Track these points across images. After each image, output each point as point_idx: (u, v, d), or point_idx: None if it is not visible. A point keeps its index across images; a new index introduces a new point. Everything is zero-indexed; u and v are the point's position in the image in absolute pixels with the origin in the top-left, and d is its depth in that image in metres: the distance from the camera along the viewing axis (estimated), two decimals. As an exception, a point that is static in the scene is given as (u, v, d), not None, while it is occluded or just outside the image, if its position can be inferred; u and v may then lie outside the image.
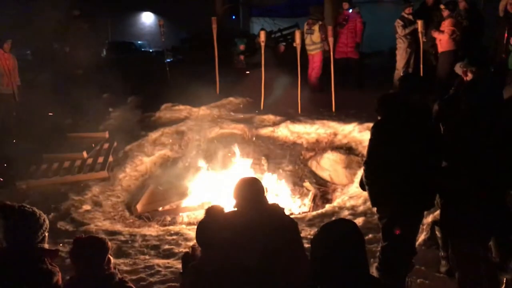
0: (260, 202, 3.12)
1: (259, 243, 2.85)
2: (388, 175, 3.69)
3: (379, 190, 3.79)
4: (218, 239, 2.72)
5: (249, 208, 3.06)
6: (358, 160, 7.11)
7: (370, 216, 5.42)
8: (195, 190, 6.88)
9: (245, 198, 3.11)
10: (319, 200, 6.95)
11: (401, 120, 3.71)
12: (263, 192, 3.23)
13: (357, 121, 7.87)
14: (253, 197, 3.10)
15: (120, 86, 10.55)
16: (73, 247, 2.75)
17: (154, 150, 7.94)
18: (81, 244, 2.75)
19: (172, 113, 9.22)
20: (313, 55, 10.21)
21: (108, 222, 5.97)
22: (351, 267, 2.00)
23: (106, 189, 6.83)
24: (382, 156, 3.73)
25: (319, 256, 2.06)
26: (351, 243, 2.05)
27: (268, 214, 3.09)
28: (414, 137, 3.64)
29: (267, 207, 3.15)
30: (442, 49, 8.85)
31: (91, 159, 7.42)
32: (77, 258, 2.73)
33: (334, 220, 2.57)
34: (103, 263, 2.72)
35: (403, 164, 3.64)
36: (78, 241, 2.77)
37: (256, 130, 8.42)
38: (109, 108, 9.75)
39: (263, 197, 3.20)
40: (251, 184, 3.20)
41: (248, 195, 3.11)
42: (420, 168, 3.63)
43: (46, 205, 5.86)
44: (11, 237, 2.58)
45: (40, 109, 9.24)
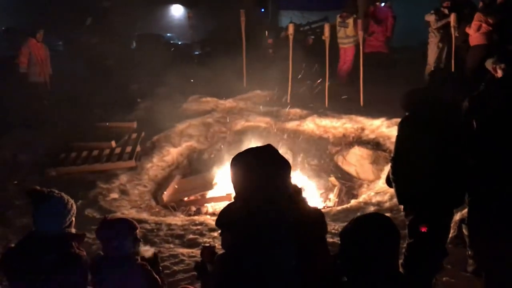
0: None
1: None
2: (415, 172, 3.62)
3: (406, 187, 3.72)
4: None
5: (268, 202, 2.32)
6: (386, 156, 7.01)
7: (396, 213, 5.34)
8: (220, 181, 6.92)
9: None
10: (344, 195, 6.90)
11: (429, 116, 3.63)
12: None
13: (386, 116, 7.75)
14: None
15: (149, 77, 10.70)
16: (100, 225, 2.84)
17: (181, 141, 8.01)
18: (107, 222, 2.84)
19: (199, 105, 9.28)
20: (346, 48, 10.09)
21: (135, 211, 6.05)
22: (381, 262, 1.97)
23: (133, 178, 6.93)
24: (410, 152, 3.65)
25: (349, 250, 2.03)
26: (384, 238, 2.01)
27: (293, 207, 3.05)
28: (442, 134, 3.56)
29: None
30: (472, 43, 8.60)
31: (119, 149, 7.54)
32: (102, 235, 2.82)
33: (368, 214, 2.50)
34: (127, 243, 2.80)
35: (431, 161, 3.56)
36: (105, 219, 2.86)
37: (282, 123, 8.39)
38: (138, 99, 9.89)
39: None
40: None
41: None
42: (449, 165, 3.55)
43: (74, 192, 5.96)
44: (39, 221, 2.65)
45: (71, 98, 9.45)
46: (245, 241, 2.12)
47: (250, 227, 2.11)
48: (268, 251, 2.07)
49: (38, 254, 2.55)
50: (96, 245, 4.88)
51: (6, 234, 5.25)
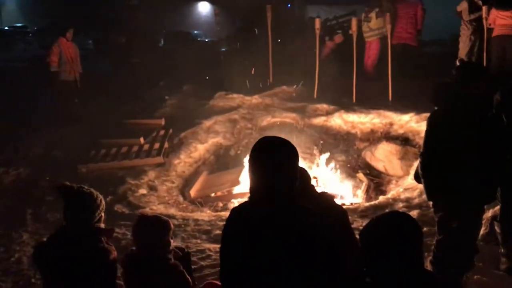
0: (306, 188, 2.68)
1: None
2: (445, 167, 3.54)
3: (435, 182, 3.65)
4: None
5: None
6: (415, 152, 6.88)
7: (425, 209, 5.25)
8: (246, 177, 6.92)
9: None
10: (372, 192, 6.81)
11: (459, 110, 3.54)
12: (307, 177, 2.85)
13: (415, 111, 7.61)
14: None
15: (176, 74, 10.82)
16: (136, 222, 2.91)
17: (207, 137, 8.06)
18: (145, 221, 2.89)
19: (225, 102, 9.32)
20: (370, 42, 9.97)
21: (163, 206, 6.13)
22: (404, 261, 1.93)
23: (161, 174, 7.02)
24: (439, 147, 3.58)
25: (370, 249, 2.00)
26: (405, 236, 1.97)
27: (317, 202, 3.02)
28: (473, 128, 3.47)
29: (316, 195, 3.04)
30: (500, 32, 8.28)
31: (147, 145, 7.64)
32: (138, 233, 2.88)
33: (386, 212, 2.45)
34: (162, 242, 2.84)
35: (461, 156, 3.48)
36: (142, 217, 2.91)
37: (309, 119, 8.34)
38: (165, 96, 10.00)
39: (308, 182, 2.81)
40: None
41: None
42: (480, 160, 3.46)
43: (104, 188, 6.09)
44: (70, 216, 2.71)
45: (100, 96, 9.64)
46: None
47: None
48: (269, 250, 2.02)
49: (68, 248, 2.61)
50: (125, 240, 4.98)
51: (39, 229, 5.40)
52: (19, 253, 4.93)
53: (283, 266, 2.01)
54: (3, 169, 6.91)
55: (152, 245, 2.86)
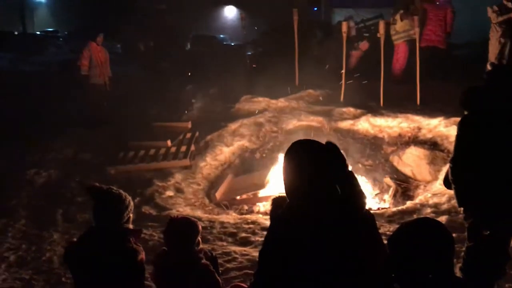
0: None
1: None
2: (477, 173, 3.47)
3: (467, 189, 3.57)
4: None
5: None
6: (444, 156, 6.76)
7: (454, 215, 5.14)
8: (272, 180, 6.93)
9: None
10: (400, 197, 6.71)
11: (491, 115, 3.46)
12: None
13: (443, 115, 7.48)
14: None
15: (203, 78, 10.92)
16: (168, 224, 2.98)
17: (233, 140, 8.10)
18: (176, 222, 2.95)
19: (251, 105, 9.35)
20: (397, 45, 9.87)
21: (189, 208, 6.19)
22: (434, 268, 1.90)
23: (188, 177, 7.08)
24: (471, 153, 3.50)
25: (399, 255, 1.97)
26: (436, 243, 1.93)
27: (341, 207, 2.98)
28: (505, 133, 3.39)
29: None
30: None
31: (174, 148, 7.72)
32: (170, 234, 2.95)
33: (416, 219, 2.40)
34: (193, 243, 2.90)
35: (494, 162, 3.40)
36: (173, 219, 2.96)
37: (335, 123, 8.29)
38: (192, 99, 10.10)
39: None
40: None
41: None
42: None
43: (132, 190, 6.19)
44: (99, 217, 2.76)
45: (128, 99, 9.80)
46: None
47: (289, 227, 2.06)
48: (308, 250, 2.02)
49: (98, 248, 2.66)
50: (153, 241, 5.05)
51: (69, 229, 5.52)
52: (50, 252, 5.05)
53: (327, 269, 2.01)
54: (34, 170, 7.08)
55: (183, 246, 2.91)
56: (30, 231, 5.51)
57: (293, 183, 2.09)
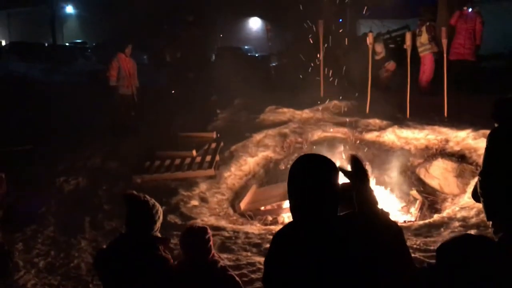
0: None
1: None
2: (507, 186, 3.40)
3: (496, 202, 3.51)
4: None
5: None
6: (472, 169, 6.64)
7: (483, 229, 5.03)
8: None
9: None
10: (426, 210, 6.60)
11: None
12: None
13: (472, 128, 7.36)
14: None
15: (227, 88, 11.01)
16: (182, 234, 3.01)
17: (257, 151, 8.12)
18: (190, 232, 2.98)
19: (275, 116, 9.37)
20: (423, 57, 9.79)
21: (213, 218, 6.21)
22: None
23: (213, 187, 7.12)
24: (501, 166, 3.45)
25: (448, 268, 1.92)
26: (487, 265, 1.89)
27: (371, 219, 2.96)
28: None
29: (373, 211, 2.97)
30: None
31: (199, 157, 7.79)
32: (185, 244, 2.97)
33: (473, 236, 2.30)
34: (208, 249, 2.92)
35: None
36: (188, 229, 3.00)
37: (361, 134, 8.23)
38: (217, 110, 10.18)
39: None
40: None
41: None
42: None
43: (157, 199, 6.09)
44: (133, 225, 2.81)
45: (155, 109, 9.95)
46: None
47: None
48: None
49: (130, 255, 2.71)
50: (178, 250, 5.08)
51: (96, 237, 5.61)
52: (78, 259, 5.14)
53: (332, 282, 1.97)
54: (63, 178, 7.24)
55: (197, 252, 2.92)
56: (59, 237, 5.63)
57: (292, 199, 2.08)
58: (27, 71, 17.15)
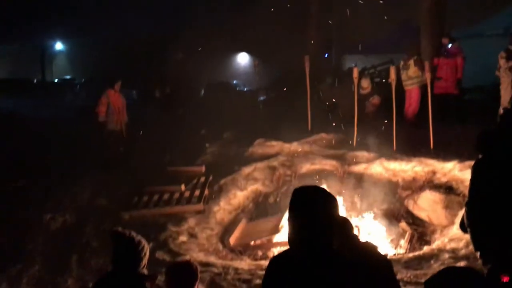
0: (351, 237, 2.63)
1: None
2: (493, 217, 3.44)
3: (483, 232, 3.53)
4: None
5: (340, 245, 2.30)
6: (459, 200, 6.69)
7: (473, 261, 5.03)
8: (286, 225, 6.88)
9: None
10: (416, 242, 6.60)
11: (504, 159, 3.47)
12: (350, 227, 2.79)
13: (458, 159, 7.45)
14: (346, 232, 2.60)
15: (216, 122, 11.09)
16: (167, 270, 2.99)
17: (246, 184, 8.11)
18: (175, 268, 2.94)
19: (264, 149, 9.41)
20: (410, 90, 10.00)
21: (203, 254, 6.15)
22: None
23: (202, 222, 7.07)
24: (486, 196, 3.49)
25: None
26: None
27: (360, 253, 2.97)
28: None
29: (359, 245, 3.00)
30: None
31: (188, 192, 7.76)
32: (169, 281, 2.93)
33: (462, 267, 2.37)
34: (193, 285, 2.88)
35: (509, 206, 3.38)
36: (173, 265, 2.96)
37: (349, 166, 8.28)
38: (206, 144, 10.21)
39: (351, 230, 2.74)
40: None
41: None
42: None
43: (146, 235, 6.06)
44: (119, 262, 2.78)
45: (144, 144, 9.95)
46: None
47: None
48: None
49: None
50: (166, 287, 5.01)
51: (83, 275, 5.52)
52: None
53: None
54: (50, 215, 7.15)
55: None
56: (45, 277, 5.52)
57: (289, 229, 2.15)
58: (15, 108, 17.14)
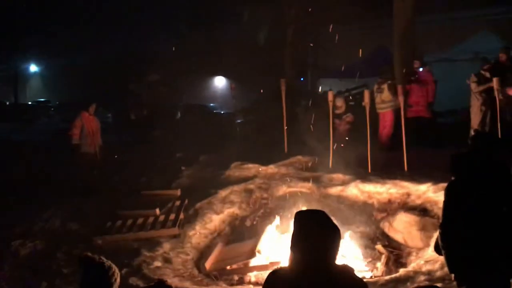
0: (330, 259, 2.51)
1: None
2: (465, 238, 3.48)
3: (457, 254, 3.56)
4: None
5: (314, 268, 2.40)
6: (434, 222, 6.74)
7: (448, 283, 5.05)
8: (263, 249, 6.82)
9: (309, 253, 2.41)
10: (392, 264, 6.61)
11: (476, 180, 3.53)
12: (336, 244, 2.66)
13: (432, 181, 7.55)
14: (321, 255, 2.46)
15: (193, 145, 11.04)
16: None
17: (223, 208, 8.04)
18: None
19: (241, 171, 9.38)
20: (384, 113, 10.18)
21: (178, 279, 6.01)
22: None
23: (177, 246, 6.94)
24: (458, 218, 3.54)
25: None
26: None
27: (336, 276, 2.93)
28: (492, 197, 3.44)
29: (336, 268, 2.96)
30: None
31: (163, 216, 7.64)
32: None
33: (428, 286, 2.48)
34: None
35: (481, 227, 3.42)
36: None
37: (325, 189, 8.31)
38: (182, 167, 10.13)
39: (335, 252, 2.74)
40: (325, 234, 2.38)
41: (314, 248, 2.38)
42: (501, 231, 3.39)
43: (119, 260, 6.01)
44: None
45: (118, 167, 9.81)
46: None
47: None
48: None
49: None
50: (139, 314, 4.86)
51: (53, 303, 5.32)
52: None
53: None
54: (19, 241, 6.92)
55: None
56: (12, 306, 5.31)
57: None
58: (-14, 131, 16.77)
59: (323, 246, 2.33)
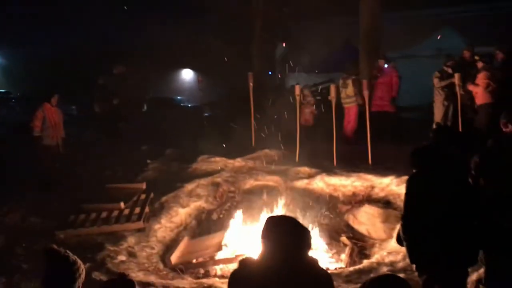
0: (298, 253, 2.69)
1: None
2: (425, 230, 3.57)
3: (417, 245, 3.66)
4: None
5: (282, 260, 2.59)
6: (397, 215, 6.90)
7: (410, 273, 5.19)
8: (229, 242, 6.82)
9: (279, 246, 2.60)
10: (356, 256, 6.74)
11: (436, 173, 3.62)
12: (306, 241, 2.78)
13: (395, 174, 7.73)
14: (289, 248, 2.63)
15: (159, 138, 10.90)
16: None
17: (189, 201, 7.99)
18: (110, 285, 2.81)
19: (208, 165, 9.34)
20: (349, 108, 10.32)
21: (142, 274, 5.94)
22: None
23: (141, 240, 6.86)
24: (419, 210, 3.63)
25: None
26: None
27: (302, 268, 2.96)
28: (451, 190, 3.54)
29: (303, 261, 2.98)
30: (479, 102, 8.75)
31: (127, 210, 7.52)
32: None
33: (382, 275, 2.56)
34: None
35: (440, 218, 3.52)
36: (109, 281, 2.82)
37: (291, 182, 8.37)
38: (148, 160, 9.99)
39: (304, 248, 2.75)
40: (290, 232, 2.65)
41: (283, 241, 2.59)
42: (459, 222, 3.50)
43: (82, 255, 5.83)
44: (50, 282, 2.62)
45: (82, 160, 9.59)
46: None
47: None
48: None
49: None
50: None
51: (12, 299, 5.17)
52: (-11, 326, 4.68)
53: None
54: (-24, 237, 6.68)
55: None
56: (-32, 303, 5.13)
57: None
58: None
59: (292, 247, 2.57)
